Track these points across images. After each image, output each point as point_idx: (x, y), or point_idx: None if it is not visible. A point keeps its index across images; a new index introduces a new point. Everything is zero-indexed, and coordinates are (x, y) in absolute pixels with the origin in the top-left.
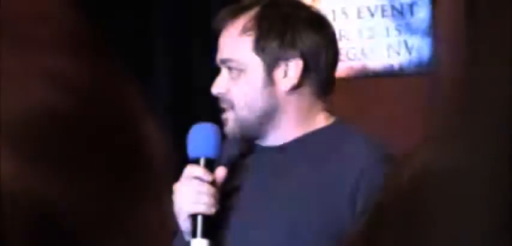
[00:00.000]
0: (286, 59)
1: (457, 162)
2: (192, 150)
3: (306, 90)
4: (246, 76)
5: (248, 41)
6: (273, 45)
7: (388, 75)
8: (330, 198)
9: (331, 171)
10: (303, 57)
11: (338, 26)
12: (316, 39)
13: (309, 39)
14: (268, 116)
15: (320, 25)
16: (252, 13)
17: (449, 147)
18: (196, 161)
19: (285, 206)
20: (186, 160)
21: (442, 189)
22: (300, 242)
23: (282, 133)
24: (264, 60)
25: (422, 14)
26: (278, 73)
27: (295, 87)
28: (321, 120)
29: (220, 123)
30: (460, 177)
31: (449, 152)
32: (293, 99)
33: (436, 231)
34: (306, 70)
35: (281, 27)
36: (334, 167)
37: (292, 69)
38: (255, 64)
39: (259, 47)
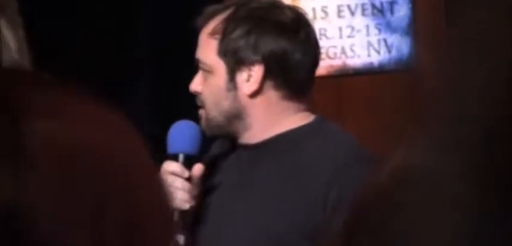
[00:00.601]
0: (249, 64)
1: (428, 162)
2: (171, 146)
3: (273, 93)
4: (213, 78)
5: (214, 43)
6: (235, 49)
7: (368, 73)
8: (301, 197)
9: (303, 171)
10: (266, 61)
11: (318, 24)
12: (281, 43)
13: (272, 44)
14: (235, 118)
15: (289, 28)
16: (223, 15)
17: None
18: (175, 157)
19: (254, 205)
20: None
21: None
22: (269, 241)
23: (256, 133)
24: (227, 63)
25: (402, 12)
26: (241, 77)
27: (258, 91)
28: (297, 120)
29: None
30: (431, 177)
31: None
32: (259, 102)
33: (411, 232)
34: (270, 74)
35: (245, 31)
36: (306, 166)
37: (254, 74)
38: (219, 67)
39: (223, 51)
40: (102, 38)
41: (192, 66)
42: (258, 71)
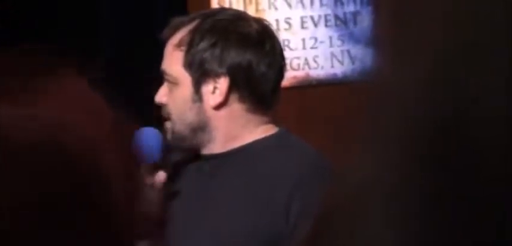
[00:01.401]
0: (215, 76)
1: (367, 171)
2: None
3: (237, 106)
4: (178, 90)
5: (180, 55)
6: (201, 61)
7: (332, 84)
8: (263, 208)
9: (266, 182)
10: (232, 74)
11: (282, 36)
12: (247, 56)
13: (238, 56)
14: (199, 130)
15: (254, 40)
16: (190, 27)
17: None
18: None
19: (215, 216)
20: None
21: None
22: None
23: (218, 144)
24: (192, 76)
25: (365, 23)
26: (206, 89)
27: (223, 103)
28: (260, 132)
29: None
30: (369, 187)
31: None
32: (223, 114)
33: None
34: (235, 86)
35: (211, 44)
36: (267, 179)
37: (220, 86)
38: (185, 79)
39: (188, 63)
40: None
41: (152, 75)
42: (223, 83)
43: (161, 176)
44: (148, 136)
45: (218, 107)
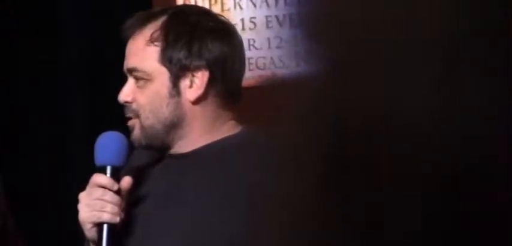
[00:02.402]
0: (193, 70)
1: (287, 187)
2: (98, 159)
3: (212, 100)
4: (152, 86)
5: (155, 51)
6: (180, 56)
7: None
8: (228, 208)
9: (231, 181)
10: (209, 67)
11: (247, 35)
12: (223, 50)
13: (215, 50)
14: (174, 126)
15: (227, 35)
16: (159, 22)
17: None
18: (102, 169)
19: (183, 216)
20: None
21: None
22: None
23: (188, 142)
24: (170, 70)
25: None
26: (184, 83)
27: (201, 98)
28: (228, 129)
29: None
30: (287, 203)
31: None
32: (199, 109)
33: None
34: (212, 80)
35: (188, 37)
36: (234, 176)
37: (198, 80)
38: (161, 74)
39: (166, 58)
40: (27, 39)
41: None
42: (202, 77)
43: (126, 180)
44: (112, 140)
45: (196, 101)
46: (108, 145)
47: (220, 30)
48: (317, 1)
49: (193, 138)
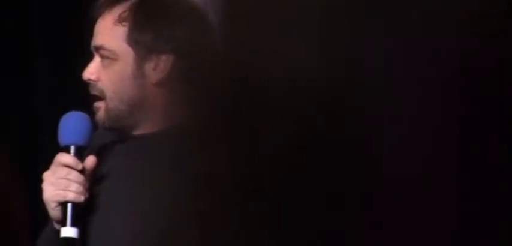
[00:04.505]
0: (158, 53)
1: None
2: (62, 138)
3: (178, 83)
4: (117, 65)
5: (122, 31)
6: (146, 38)
7: None
8: (185, 188)
9: (191, 163)
10: (175, 51)
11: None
12: (191, 35)
13: (183, 35)
14: (137, 107)
15: (196, 21)
16: (128, 3)
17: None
18: (66, 149)
19: (141, 195)
20: None
21: None
22: (155, 233)
23: (150, 124)
24: (136, 51)
25: None
26: (149, 66)
27: (165, 81)
28: (193, 113)
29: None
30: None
31: None
32: (163, 92)
33: None
34: (177, 64)
35: (156, 20)
36: (194, 159)
37: (163, 63)
38: (126, 54)
39: (133, 39)
40: None
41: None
42: (167, 60)
43: (91, 159)
44: (76, 120)
45: (160, 84)
46: (72, 125)
47: (190, 15)
48: None
49: (155, 120)
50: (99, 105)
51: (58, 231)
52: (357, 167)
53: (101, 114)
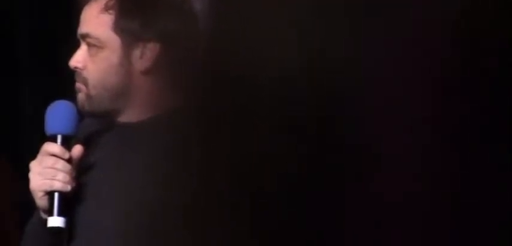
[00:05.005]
0: (145, 41)
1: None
2: (49, 127)
3: (162, 72)
4: (103, 54)
5: (109, 19)
6: (133, 26)
7: None
8: (171, 176)
9: (175, 151)
10: (162, 40)
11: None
12: (177, 23)
13: (169, 24)
14: (122, 95)
15: (183, 10)
16: None
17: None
18: (53, 138)
19: (127, 183)
20: None
21: None
22: (141, 221)
23: (136, 112)
24: (122, 39)
25: None
26: (135, 54)
27: (151, 69)
28: (176, 102)
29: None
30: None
31: None
32: (149, 80)
33: None
34: (163, 53)
35: (143, 9)
36: (178, 148)
37: (149, 51)
38: (113, 42)
39: (119, 27)
40: None
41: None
42: (153, 49)
43: (77, 148)
44: (63, 109)
45: (145, 72)
46: (58, 114)
47: (176, 5)
48: None
49: (141, 108)
50: (80, 87)
51: (45, 221)
52: (354, 162)
53: (80, 97)
